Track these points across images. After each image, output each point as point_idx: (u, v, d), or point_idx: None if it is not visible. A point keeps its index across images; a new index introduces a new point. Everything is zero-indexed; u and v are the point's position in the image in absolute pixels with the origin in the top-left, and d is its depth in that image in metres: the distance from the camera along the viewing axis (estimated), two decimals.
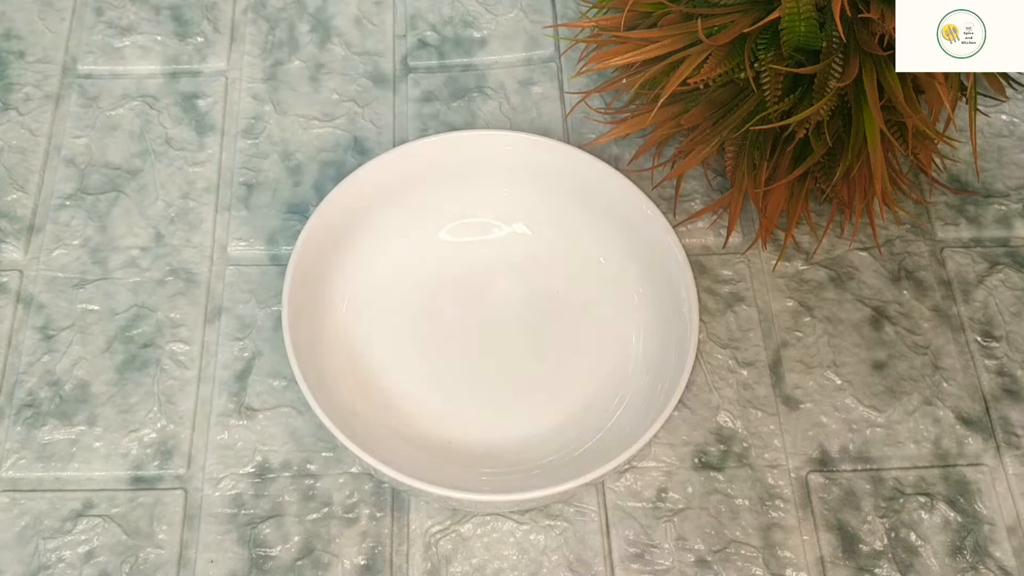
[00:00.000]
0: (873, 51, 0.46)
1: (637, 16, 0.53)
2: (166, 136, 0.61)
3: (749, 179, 0.52)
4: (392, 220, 0.55)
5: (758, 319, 0.56)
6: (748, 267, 0.57)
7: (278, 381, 0.53)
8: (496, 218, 0.56)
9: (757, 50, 0.48)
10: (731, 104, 0.52)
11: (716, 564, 0.49)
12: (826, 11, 0.46)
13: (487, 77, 0.64)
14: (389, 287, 0.55)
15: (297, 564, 0.49)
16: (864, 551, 0.50)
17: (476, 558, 0.49)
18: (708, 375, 0.54)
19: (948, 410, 0.53)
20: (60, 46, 0.64)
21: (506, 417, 0.52)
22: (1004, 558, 0.49)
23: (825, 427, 0.53)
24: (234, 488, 0.51)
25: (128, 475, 0.51)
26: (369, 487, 0.51)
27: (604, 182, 0.53)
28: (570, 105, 0.62)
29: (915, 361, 0.55)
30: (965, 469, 0.52)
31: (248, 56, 0.64)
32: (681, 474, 0.51)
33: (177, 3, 0.66)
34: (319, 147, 0.61)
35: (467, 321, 0.54)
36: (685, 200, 0.59)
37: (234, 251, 0.57)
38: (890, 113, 0.48)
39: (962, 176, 0.61)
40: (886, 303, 0.56)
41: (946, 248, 0.58)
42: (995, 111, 0.63)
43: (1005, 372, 0.55)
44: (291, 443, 0.52)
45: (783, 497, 0.51)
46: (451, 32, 0.65)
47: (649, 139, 0.55)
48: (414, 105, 0.63)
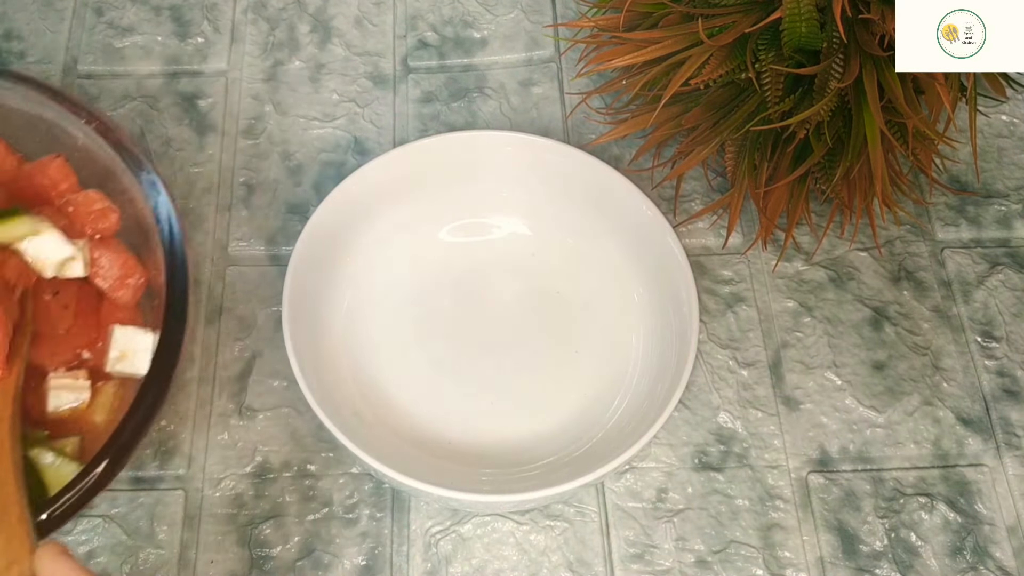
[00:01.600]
0: (873, 51, 0.46)
1: (637, 16, 0.53)
2: (166, 136, 0.61)
3: (749, 179, 0.52)
4: (392, 220, 0.55)
5: (758, 319, 0.56)
6: (748, 267, 0.57)
7: (278, 381, 0.53)
8: (496, 218, 0.56)
9: (758, 51, 0.48)
10: (731, 104, 0.52)
11: (716, 564, 0.49)
12: (827, 12, 0.46)
13: (487, 77, 0.64)
14: (389, 287, 0.55)
15: (297, 564, 0.49)
16: (864, 551, 0.50)
17: (476, 558, 0.49)
18: (708, 375, 0.54)
19: (948, 410, 0.53)
20: (60, 46, 0.64)
21: (506, 417, 0.52)
22: (1004, 558, 0.49)
23: (825, 427, 0.53)
24: (234, 488, 0.51)
25: (128, 475, 0.51)
26: (369, 487, 0.51)
27: (604, 182, 0.53)
28: (570, 106, 0.62)
29: (915, 362, 0.55)
30: (965, 469, 0.52)
31: (248, 56, 0.64)
32: (681, 474, 0.51)
33: (177, 3, 0.66)
34: (319, 147, 0.61)
35: (467, 321, 0.54)
36: (685, 200, 0.59)
37: (234, 251, 0.57)
38: (890, 113, 0.49)
39: (962, 176, 0.61)
40: (886, 304, 0.56)
41: (946, 249, 0.58)
42: (995, 111, 0.63)
43: (1005, 372, 0.55)
44: (291, 443, 0.52)
45: (783, 497, 0.51)
46: (451, 32, 0.65)
47: (649, 139, 0.55)
48: (414, 105, 0.63)
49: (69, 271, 0.45)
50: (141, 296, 0.48)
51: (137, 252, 0.48)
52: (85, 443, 0.45)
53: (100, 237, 0.47)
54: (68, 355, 0.46)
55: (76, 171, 0.48)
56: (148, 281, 0.48)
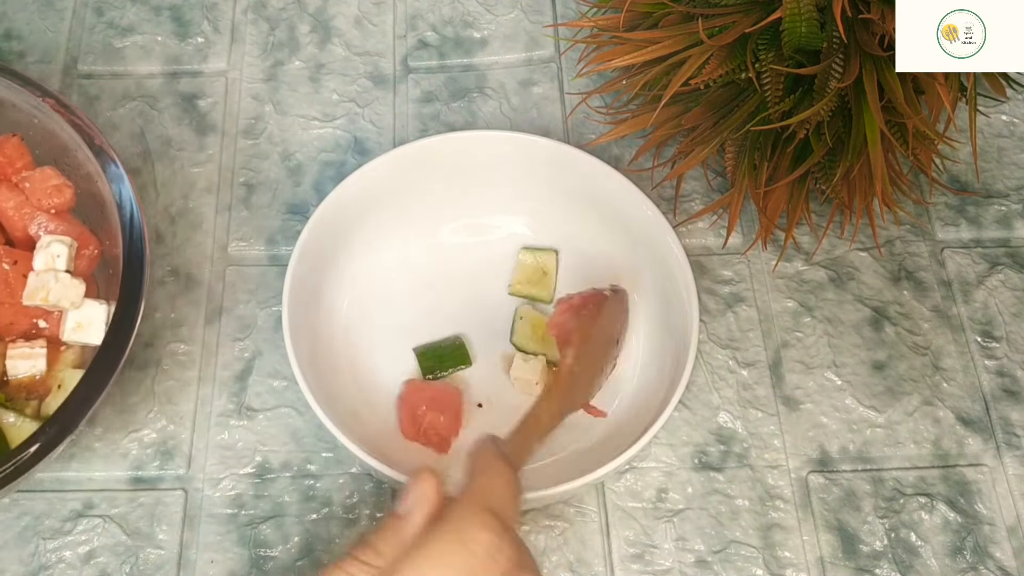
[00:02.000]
0: (873, 51, 0.46)
1: (637, 16, 0.53)
2: (166, 136, 0.61)
3: (749, 179, 0.52)
4: (392, 220, 0.55)
5: (758, 319, 0.56)
6: (748, 267, 0.57)
7: (278, 381, 0.53)
8: (496, 218, 0.56)
9: (758, 51, 0.48)
10: (731, 104, 0.52)
11: (716, 564, 0.49)
12: (827, 11, 0.46)
13: (487, 77, 0.64)
14: (389, 287, 0.55)
15: (297, 564, 0.49)
16: (864, 551, 0.50)
17: None
18: (708, 375, 0.54)
19: (948, 410, 0.53)
20: (60, 46, 0.64)
21: (506, 417, 0.52)
22: (1004, 558, 0.49)
23: (825, 427, 0.53)
24: (234, 488, 0.51)
25: (128, 475, 0.51)
26: (369, 487, 0.51)
27: (604, 182, 0.52)
28: (570, 106, 0.62)
29: (915, 361, 0.55)
30: (965, 469, 0.52)
31: (248, 56, 0.64)
32: (681, 474, 0.51)
33: (177, 3, 0.66)
34: (319, 147, 0.61)
35: (467, 321, 0.54)
36: (685, 200, 0.59)
37: (234, 251, 0.57)
38: (890, 114, 0.48)
39: (962, 176, 0.61)
40: (886, 303, 0.56)
41: (946, 249, 0.58)
42: (995, 111, 0.63)
43: (1005, 372, 0.55)
44: (291, 443, 0.52)
45: (783, 497, 0.51)
46: (451, 32, 0.65)
47: (649, 139, 0.55)
48: (414, 105, 0.63)
49: (57, 264, 0.48)
50: (95, 267, 0.51)
51: (91, 225, 0.51)
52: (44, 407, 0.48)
53: (55, 212, 0.50)
54: (26, 324, 0.49)
55: (30, 149, 0.51)
56: (102, 253, 0.50)
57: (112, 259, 0.49)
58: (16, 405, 0.48)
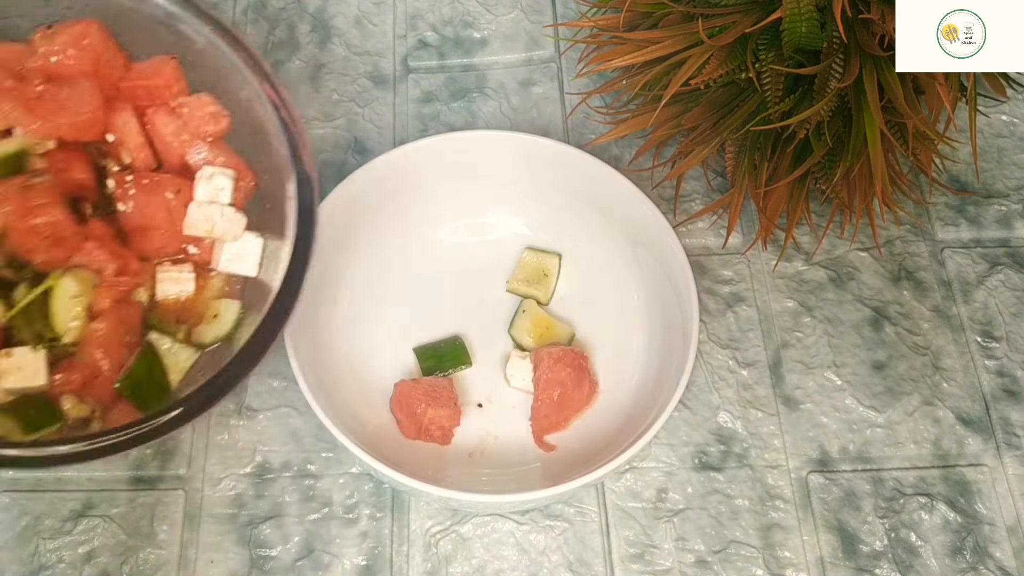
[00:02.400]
0: (873, 51, 0.46)
1: (637, 16, 0.53)
2: None
3: (750, 179, 0.52)
4: (392, 220, 0.55)
5: (758, 319, 0.56)
6: (748, 267, 0.57)
7: (278, 381, 0.53)
8: (496, 218, 0.56)
9: (758, 51, 0.48)
10: (731, 104, 0.52)
11: (716, 564, 0.49)
12: (827, 11, 0.46)
13: (487, 77, 0.64)
14: (389, 286, 0.55)
15: (297, 564, 0.49)
16: (864, 551, 0.50)
17: (476, 558, 0.49)
18: (708, 375, 0.54)
19: (948, 410, 0.53)
20: None
21: (506, 417, 0.52)
22: (1004, 558, 0.49)
23: (825, 427, 0.53)
24: (234, 488, 0.51)
25: (128, 475, 0.51)
26: (369, 487, 0.51)
27: (604, 182, 0.53)
28: (570, 106, 0.62)
29: (915, 361, 0.55)
30: (965, 469, 0.52)
31: None
32: (681, 474, 0.51)
33: None
34: (319, 147, 0.61)
35: (467, 321, 0.54)
36: (685, 200, 0.59)
37: None
38: (890, 114, 0.49)
39: (962, 176, 0.61)
40: (886, 303, 0.56)
41: (946, 248, 0.58)
42: (995, 111, 0.63)
43: (1005, 372, 0.55)
44: (291, 443, 0.52)
45: (783, 497, 0.51)
46: (451, 32, 0.65)
47: (649, 139, 0.55)
48: (414, 105, 0.63)
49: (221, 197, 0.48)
50: (250, 199, 0.49)
51: (246, 156, 0.49)
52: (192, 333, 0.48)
53: (211, 140, 0.48)
54: (175, 248, 0.48)
55: (185, 73, 0.49)
56: (258, 185, 0.49)
57: (268, 192, 0.48)
58: (167, 328, 0.47)
